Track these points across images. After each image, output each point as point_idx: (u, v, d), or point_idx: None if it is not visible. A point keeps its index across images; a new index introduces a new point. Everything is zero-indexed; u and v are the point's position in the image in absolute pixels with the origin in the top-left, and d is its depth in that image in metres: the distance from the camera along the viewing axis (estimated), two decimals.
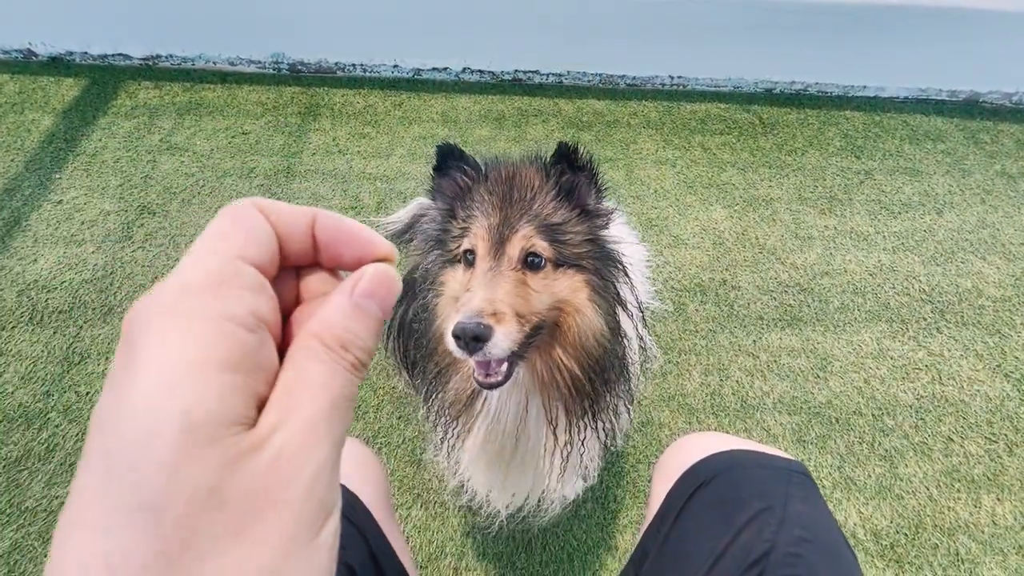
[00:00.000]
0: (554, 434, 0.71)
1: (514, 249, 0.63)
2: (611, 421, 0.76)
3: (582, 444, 0.73)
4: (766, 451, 0.59)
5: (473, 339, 0.54)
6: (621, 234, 0.82)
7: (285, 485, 0.18)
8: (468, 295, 0.59)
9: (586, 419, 0.71)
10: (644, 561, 0.58)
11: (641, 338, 0.79)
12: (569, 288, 0.65)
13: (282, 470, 0.18)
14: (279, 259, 0.22)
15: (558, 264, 0.65)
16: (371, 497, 0.62)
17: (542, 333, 0.65)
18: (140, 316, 0.18)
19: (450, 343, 0.57)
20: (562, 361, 0.67)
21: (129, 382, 0.17)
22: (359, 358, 0.21)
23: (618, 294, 0.71)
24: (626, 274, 0.73)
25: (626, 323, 0.73)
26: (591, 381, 0.68)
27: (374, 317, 0.21)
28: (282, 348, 0.21)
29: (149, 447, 0.17)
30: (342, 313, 0.21)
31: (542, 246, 0.64)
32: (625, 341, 0.73)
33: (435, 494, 1.15)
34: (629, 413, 0.81)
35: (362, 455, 0.68)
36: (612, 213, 0.74)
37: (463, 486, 0.91)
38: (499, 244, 0.63)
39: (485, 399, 0.72)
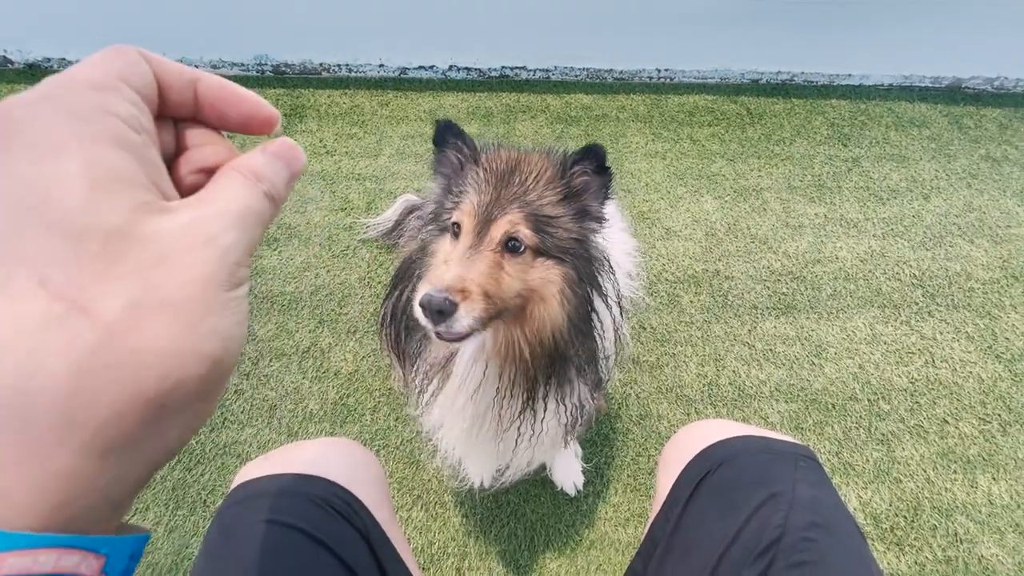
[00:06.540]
0: (500, 407, 0.74)
1: (498, 231, 0.64)
2: (572, 407, 0.79)
3: (536, 422, 0.76)
4: (772, 436, 0.59)
5: (437, 312, 0.57)
6: (612, 222, 0.82)
7: (202, 244, 0.21)
8: (443, 268, 0.62)
9: (532, 402, 0.73)
10: (653, 552, 0.58)
11: (618, 329, 0.81)
12: (542, 278, 0.67)
13: (197, 231, 0.21)
14: (158, 102, 0.24)
15: (539, 253, 0.66)
16: (372, 499, 0.61)
17: (506, 314, 0.67)
18: (19, 104, 0.19)
19: (416, 311, 0.60)
20: (518, 344, 0.69)
21: (24, 154, 0.19)
22: (270, 191, 0.24)
23: (598, 288, 0.72)
24: (610, 267, 0.74)
25: (605, 315, 0.75)
26: (538, 370, 0.70)
27: (283, 169, 0.24)
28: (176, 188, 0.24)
29: (64, 194, 0.19)
30: (259, 159, 0.24)
31: (526, 233, 0.65)
32: (601, 332, 0.75)
33: (435, 495, 1.13)
34: (594, 401, 0.85)
35: (362, 456, 0.67)
36: (607, 219, 0.75)
37: (438, 447, 0.94)
38: (485, 223, 0.64)
39: (456, 363, 0.74)
